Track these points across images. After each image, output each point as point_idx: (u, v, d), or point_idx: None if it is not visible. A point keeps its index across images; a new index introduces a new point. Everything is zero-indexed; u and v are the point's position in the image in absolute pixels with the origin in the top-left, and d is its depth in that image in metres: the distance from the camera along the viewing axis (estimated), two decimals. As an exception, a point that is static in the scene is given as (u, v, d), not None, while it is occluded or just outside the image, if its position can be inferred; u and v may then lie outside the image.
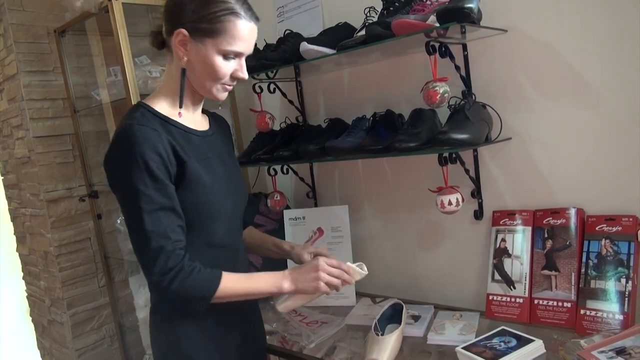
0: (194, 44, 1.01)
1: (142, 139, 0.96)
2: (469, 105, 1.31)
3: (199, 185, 1.04)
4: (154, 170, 0.96)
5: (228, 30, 1.00)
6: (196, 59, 1.03)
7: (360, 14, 1.52)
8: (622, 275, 1.18)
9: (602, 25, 1.21)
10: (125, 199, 0.99)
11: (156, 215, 0.96)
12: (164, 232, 0.97)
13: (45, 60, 2.34)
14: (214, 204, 1.07)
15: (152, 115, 1.04)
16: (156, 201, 0.96)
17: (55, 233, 2.36)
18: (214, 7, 1.00)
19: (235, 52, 1.03)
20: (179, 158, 1.01)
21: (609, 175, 1.26)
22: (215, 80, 1.05)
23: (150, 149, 0.96)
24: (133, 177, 0.95)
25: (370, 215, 1.79)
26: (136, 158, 0.95)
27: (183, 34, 1.01)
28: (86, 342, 2.46)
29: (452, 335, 1.31)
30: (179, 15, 1.02)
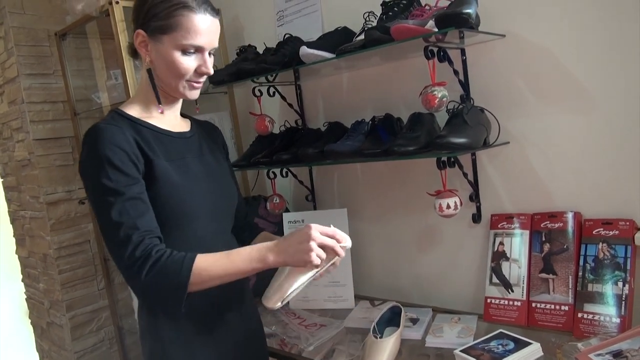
0: (153, 43, 1.03)
1: (105, 135, 0.97)
2: (467, 110, 1.32)
3: (168, 183, 1.03)
4: (117, 164, 0.96)
5: (182, 24, 1.00)
6: (157, 58, 1.04)
7: (359, 19, 1.53)
8: (619, 278, 1.19)
9: (600, 31, 1.22)
10: (93, 196, 0.98)
11: (122, 206, 0.94)
12: (132, 223, 0.94)
13: (46, 63, 2.35)
14: (187, 203, 1.06)
15: (122, 118, 1.05)
16: (121, 192, 0.95)
17: (55, 235, 2.36)
18: (166, 3, 1.00)
19: (193, 46, 1.02)
20: (145, 155, 1.02)
21: (606, 180, 1.27)
22: (179, 77, 1.04)
23: (113, 144, 0.97)
24: (98, 172, 0.95)
25: (369, 219, 1.80)
26: (99, 154, 0.96)
27: (142, 34, 1.03)
28: (85, 344, 2.46)
29: (450, 338, 1.31)
30: (137, 17, 1.05)
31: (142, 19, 1.03)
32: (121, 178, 0.96)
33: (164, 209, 1.02)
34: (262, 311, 1.69)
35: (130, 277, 0.94)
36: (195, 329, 1.09)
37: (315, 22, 1.82)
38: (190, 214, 1.07)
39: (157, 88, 1.07)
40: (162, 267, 0.92)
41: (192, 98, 1.10)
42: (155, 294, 0.95)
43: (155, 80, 1.07)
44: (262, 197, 2.00)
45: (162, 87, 1.08)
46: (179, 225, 1.06)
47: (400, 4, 1.40)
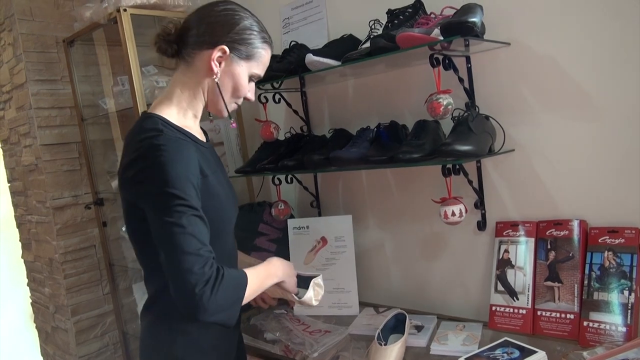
0: (230, 62, 1.07)
1: (176, 150, 0.97)
2: (473, 117, 1.32)
3: (214, 197, 1.04)
4: (191, 179, 0.96)
5: (261, 57, 1.11)
6: (227, 76, 1.08)
7: (364, 27, 1.54)
8: (625, 287, 1.18)
9: (605, 39, 1.23)
10: (161, 210, 0.94)
11: (194, 221, 0.94)
12: (201, 239, 0.95)
13: (54, 69, 2.37)
14: (224, 217, 1.10)
15: (171, 128, 1.03)
16: (193, 207, 0.95)
17: (61, 240, 2.37)
18: (258, 34, 1.09)
19: (258, 76, 1.12)
20: (202, 171, 1.02)
21: (611, 188, 1.27)
22: (236, 98, 1.12)
23: (185, 159, 0.97)
24: (173, 189, 0.93)
25: (374, 225, 1.80)
26: (177, 170, 0.94)
27: (224, 50, 1.05)
28: (90, 349, 2.47)
29: (455, 345, 1.31)
30: (222, 33, 1.06)
31: (230, 39, 1.06)
32: (192, 193, 0.96)
33: (210, 224, 1.02)
34: (266, 317, 1.70)
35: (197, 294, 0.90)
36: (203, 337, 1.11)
37: (321, 30, 1.84)
38: (224, 228, 1.11)
39: (198, 99, 1.10)
40: (227, 283, 0.95)
41: (223, 116, 1.15)
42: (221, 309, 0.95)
43: (205, 93, 1.10)
44: (267, 203, 2.00)
45: (207, 99, 1.11)
46: (217, 238, 1.05)
47: (405, 12, 1.41)
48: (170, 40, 1.10)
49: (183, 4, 1.96)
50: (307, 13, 1.89)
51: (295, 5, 1.91)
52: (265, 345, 1.53)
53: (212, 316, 0.93)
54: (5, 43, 2.44)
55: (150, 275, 1.10)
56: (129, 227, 1.08)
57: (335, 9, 1.79)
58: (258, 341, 1.56)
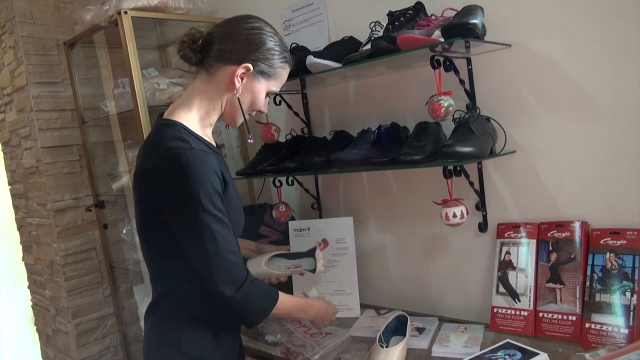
0: (252, 79, 1.12)
1: (203, 161, 1.01)
2: (474, 119, 1.32)
3: (233, 204, 1.11)
4: (217, 189, 1.02)
5: (281, 76, 1.17)
6: (247, 91, 1.13)
7: (365, 29, 1.55)
8: (627, 288, 1.18)
9: (606, 40, 1.23)
10: (192, 218, 1.00)
11: (224, 231, 1.02)
12: (232, 246, 1.04)
13: (55, 71, 2.38)
14: (240, 220, 1.16)
15: (194, 138, 1.07)
16: (221, 219, 1.02)
17: (62, 242, 2.38)
18: (279, 54, 1.14)
19: (274, 93, 1.19)
20: (224, 179, 1.08)
21: (613, 189, 1.27)
22: (252, 111, 1.18)
23: (211, 170, 1.02)
24: (201, 197, 0.99)
25: (375, 227, 1.80)
26: (201, 180, 0.99)
27: (248, 68, 1.10)
28: (90, 352, 2.47)
29: (457, 347, 1.31)
30: (248, 51, 1.10)
31: (255, 57, 1.10)
32: (219, 203, 1.03)
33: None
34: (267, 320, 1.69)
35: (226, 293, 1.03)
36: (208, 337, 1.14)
37: (322, 31, 1.84)
38: (239, 231, 1.16)
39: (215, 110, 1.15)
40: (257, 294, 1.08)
41: (236, 126, 1.21)
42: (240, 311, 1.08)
43: (222, 105, 1.14)
44: (267, 205, 2.00)
45: (223, 110, 1.15)
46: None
47: (406, 14, 1.41)
48: (195, 49, 1.12)
49: (184, 7, 1.96)
50: (308, 15, 1.89)
51: (295, 8, 1.91)
52: (266, 347, 1.53)
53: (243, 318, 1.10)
54: (6, 46, 2.44)
55: (157, 276, 1.13)
56: (142, 228, 1.11)
57: (335, 11, 1.79)
58: (259, 343, 1.56)
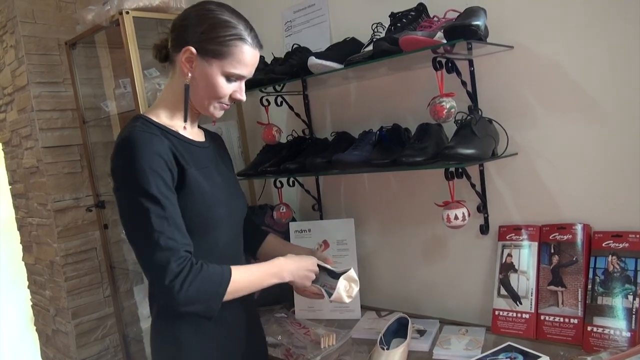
0: (200, 62, 1.05)
1: (145, 144, 0.99)
2: (476, 121, 1.32)
3: (199, 192, 1.06)
4: (159, 173, 0.98)
5: (234, 55, 1.05)
6: (200, 76, 1.06)
7: (367, 30, 1.54)
8: (629, 292, 1.18)
9: (609, 42, 1.22)
10: (131, 204, 0.99)
11: (163, 216, 0.97)
12: (171, 234, 0.97)
13: (56, 71, 2.37)
14: (215, 212, 1.09)
15: (152, 126, 1.07)
16: (162, 204, 0.97)
17: (62, 243, 2.37)
18: (224, 30, 1.05)
19: (238, 75, 1.08)
20: (179, 165, 1.04)
21: (615, 192, 1.26)
22: (215, 98, 1.09)
23: (154, 153, 0.99)
24: (139, 181, 0.97)
25: (376, 229, 1.79)
26: (141, 162, 0.97)
27: (191, 51, 1.05)
28: (90, 352, 2.46)
29: (458, 350, 1.30)
30: (188, 33, 1.06)
31: (196, 38, 1.05)
32: (162, 187, 0.98)
33: (192, 218, 1.05)
34: (267, 321, 1.69)
35: (170, 289, 0.95)
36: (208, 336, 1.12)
37: (324, 32, 1.83)
38: (215, 223, 1.10)
39: (188, 105, 1.11)
40: (202, 279, 0.98)
41: (217, 117, 1.14)
42: (194, 302, 0.98)
43: (191, 94, 1.10)
44: (268, 206, 2.00)
45: (192, 103, 1.12)
46: (204, 234, 1.08)
47: (408, 15, 1.40)
48: (159, 45, 1.14)
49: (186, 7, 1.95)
50: (310, 16, 1.88)
51: (297, 9, 1.91)
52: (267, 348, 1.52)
53: (184, 307, 0.97)
54: (8, 45, 2.44)
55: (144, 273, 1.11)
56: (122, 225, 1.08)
57: (337, 12, 1.79)
58: (259, 345, 1.55)
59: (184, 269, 0.96)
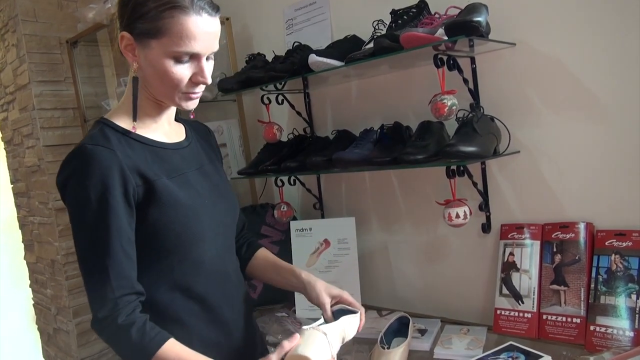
0: (140, 47, 0.88)
1: (94, 161, 0.85)
2: (477, 118, 1.31)
3: (174, 205, 0.93)
4: (107, 198, 0.85)
5: (172, 29, 0.85)
6: (146, 64, 0.90)
7: (368, 27, 1.53)
8: (633, 291, 1.16)
9: (611, 39, 1.21)
10: (79, 229, 0.88)
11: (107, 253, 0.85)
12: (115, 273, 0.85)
13: (57, 70, 2.37)
14: (196, 224, 0.96)
15: (113, 131, 0.92)
16: (109, 235, 0.85)
17: (63, 241, 2.37)
18: (153, 2, 0.85)
19: (188, 53, 0.88)
20: (145, 178, 0.91)
21: (618, 190, 1.25)
22: (173, 87, 0.91)
23: (103, 171, 0.86)
24: (84, 204, 0.85)
25: (377, 228, 1.78)
26: (87, 183, 0.84)
27: (127, 37, 0.89)
28: (91, 351, 2.46)
29: (459, 349, 1.29)
30: (121, 17, 0.90)
31: (126, 19, 0.88)
32: (109, 214, 0.85)
33: (167, 235, 0.93)
34: (267, 320, 1.69)
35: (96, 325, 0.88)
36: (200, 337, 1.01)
37: (325, 30, 1.82)
38: (197, 237, 0.96)
39: (137, 101, 0.94)
40: (126, 340, 0.86)
41: (189, 109, 0.97)
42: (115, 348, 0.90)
43: (145, 88, 0.94)
44: (269, 205, 1.99)
45: (153, 95, 0.96)
46: (184, 250, 0.95)
47: (409, 12, 1.39)
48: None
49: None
50: (311, 14, 1.88)
51: (298, 7, 1.90)
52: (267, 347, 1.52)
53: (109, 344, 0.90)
54: (9, 44, 2.44)
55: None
56: None
57: (338, 9, 1.78)
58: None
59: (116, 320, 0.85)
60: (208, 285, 1.00)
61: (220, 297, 1.02)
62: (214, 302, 1.01)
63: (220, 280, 1.03)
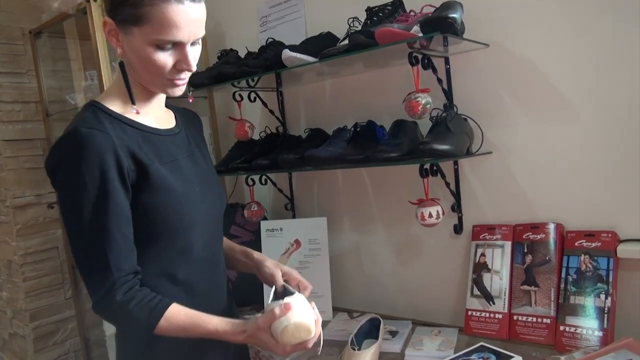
0: (123, 34, 0.89)
1: (89, 144, 0.85)
2: (451, 117, 1.30)
3: (166, 192, 0.93)
4: (104, 181, 0.86)
5: (153, 17, 0.85)
6: (129, 51, 0.90)
7: (343, 25, 1.51)
8: (602, 291, 1.17)
9: (585, 41, 1.22)
10: (73, 214, 0.87)
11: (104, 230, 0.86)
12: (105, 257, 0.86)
13: (19, 62, 2.28)
14: (187, 211, 0.96)
15: (105, 115, 0.92)
16: (103, 215, 0.86)
17: (21, 241, 2.27)
18: None
19: (170, 42, 0.88)
20: (139, 162, 0.91)
21: (588, 191, 1.26)
22: (156, 74, 0.91)
23: (100, 157, 0.85)
24: (79, 188, 0.85)
25: (349, 228, 1.76)
26: (83, 168, 0.84)
27: (110, 23, 0.89)
28: (49, 357, 2.35)
29: (430, 351, 1.27)
30: (105, 1, 0.91)
31: (109, 4, 0.89)
32: (106, 198, 0.86)
33: (158, 220, 0.93)
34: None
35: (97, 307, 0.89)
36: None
37: (299, 28, 1.80)
38: (186, 224, 0.97)
39: (130, 85, 0.94)
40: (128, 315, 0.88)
41: (176, 96, 0.97)
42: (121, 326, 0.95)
43: (130, 75, 0.94)
44: (239, 204, 1.94)
45: (141, 82, 0.96)
46: (173, 236, 0.96)
47: (385, 9, 1.38)
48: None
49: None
50: (285, 12, 1.85)
51: (273, 4, 1.88)
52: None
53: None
54: (-32, 33, 2.33)
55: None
56: None
57: (313, 7, 1.76)
58: (226, 347, 1.50)
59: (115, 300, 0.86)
60: (195, 272, 1.00)
61: (207, 286, 1.02)
62: (200, 289, 1.01)
63: (207, 268, 1.04)
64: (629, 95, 1.18)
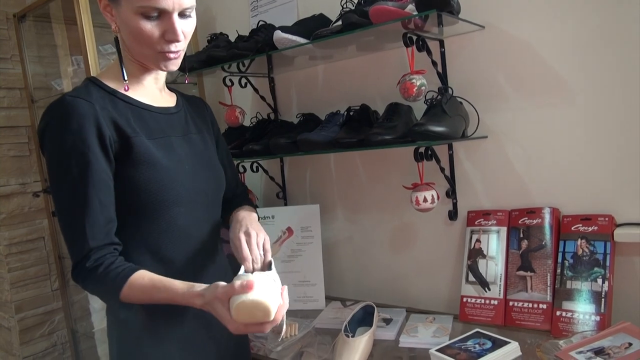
0: (115, 7, 0.92)
1: (72, 112, 0.88)
2: (446, 99, 1.28)
3: (150, 163, 0.94)
4: (84, 148, 0.88)
5: None
6: (121, 24, 0.93)
7: (336, 8, 1.48)
8: (598, 275, 1.15)
9: (581, 24, 1.20)
10: (55, 180, 0.90)
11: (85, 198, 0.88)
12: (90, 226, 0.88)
13: (3, 47, 2.22)
14: (173, 186, 0.96)
15: (98, 89, 0.95)
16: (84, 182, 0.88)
17: (6, 231, 2.21)
18: None
19: (154, 8, 0.88)
20: (122, 133, 0.92)
21: (584, 175, 1.24)
22: (146, 45, 0.92)
23: (81, 122, 0.88)
24: (62, 155, 0.88)
25: (342, 215, 1.73)
26: (64, 134, 0.88)
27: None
28: (35, 349, 2.30)
29: (425, 338, 1.25)
30: None
31: None
32: (86, 164, 0.88)
33: (141, 194, 0.93)
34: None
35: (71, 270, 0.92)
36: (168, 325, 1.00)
37: (291, 12, 1.76)
38: (172, 200, 0.97)
39: (122, 60, 0.98)
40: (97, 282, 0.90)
41: (170, 70, 0.98)
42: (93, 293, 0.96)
43: (125, 50, 0.97)
44: (230, 192, 1.91)
45: (135, 57, 0.98)
46: (158, 212, 0.96)
47: (379, -11, 1.35)
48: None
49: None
50: (277, -5, 1.81)
51: (264, -13, 1.83)
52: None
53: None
54: (-51, 18, 2.26)
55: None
56: None
57: (306, -10, 1.72)
58: (217, 336, 1.47)
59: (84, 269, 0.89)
60: (179, 250, 1.00)
61: (191, 265, 1.02)
62: (183, 268, 1.00)
63: (194, 248, 1.03)
64: (627, 78, 1.15)
